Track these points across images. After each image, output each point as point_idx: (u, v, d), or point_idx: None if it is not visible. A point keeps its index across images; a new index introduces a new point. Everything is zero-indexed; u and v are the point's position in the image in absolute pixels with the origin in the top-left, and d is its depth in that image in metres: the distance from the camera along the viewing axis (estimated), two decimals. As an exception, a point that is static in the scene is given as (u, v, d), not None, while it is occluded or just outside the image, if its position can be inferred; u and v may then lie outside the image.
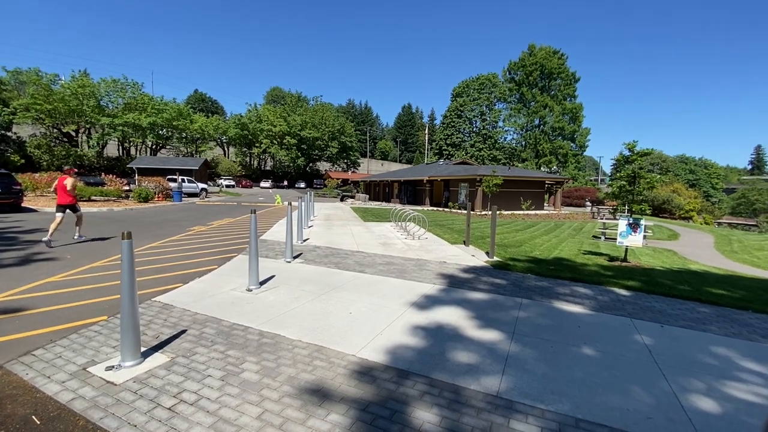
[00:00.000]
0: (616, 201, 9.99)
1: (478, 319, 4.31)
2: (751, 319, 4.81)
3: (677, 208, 32.12)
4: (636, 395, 2.79)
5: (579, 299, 5.26)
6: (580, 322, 4.34)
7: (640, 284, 6.26)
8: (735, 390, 2.96)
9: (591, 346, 3.66)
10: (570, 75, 59.34)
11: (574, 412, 2.55)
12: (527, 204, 29.06)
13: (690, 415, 2.57)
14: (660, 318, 4.59)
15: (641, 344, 3.75)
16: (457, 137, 65.71)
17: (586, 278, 6.50)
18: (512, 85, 62.42)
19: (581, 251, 10.80)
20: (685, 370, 3.25)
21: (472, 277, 6.44)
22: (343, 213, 20.25)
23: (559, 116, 58.43)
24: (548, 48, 59.31)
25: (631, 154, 8.33)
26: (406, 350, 3.46)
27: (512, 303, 4.97)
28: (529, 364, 3.25)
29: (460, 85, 67.50)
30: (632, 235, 8.34)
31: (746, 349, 3.80)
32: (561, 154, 58.64)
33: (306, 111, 71.16)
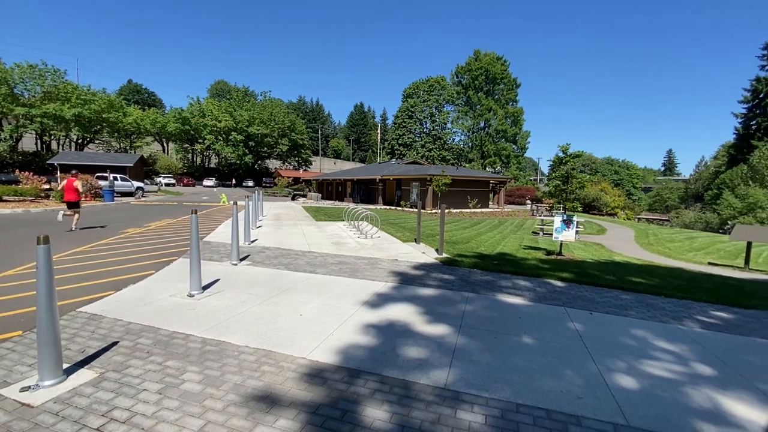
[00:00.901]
0: (552, 199, 10.80)
1: (427, 315, 4.43)
2: (664, 303, 5.45)
3: (605, 205, 35.50)
4: (568, 378, 3.04)
5: (520, 291, 5.61)
6: (520, 312, 4.63)
7: (573, 275, 6.82)
8: (650, 367, 3.33)
9: (530, 334, 3.93)
10: (512, 81, 62.92)
11: (515, 398, 2.72)
12: (474, 202, 30.38)
13: (613, 393, 2.85)
14: (589, 306, 5.04)
15: (573, 331, 4.10)
16: (409, 137, 66.94)
17: (526, 271, 6.96)
18: (460, 89, 64.83)
19: (522, 246, 11.53)
20: (610, 351, 3.61)
21: (423, 273, 6.61)
22: (294, 212, 19.78)
23: (503, 119, 61.77)
24: (492, 54, 62.38)
25: (565, 156, 9.07)
26: (357, 349, 3.46)
27: (459, 297, 5.18)
28: (475, 355, 3.41)
29: (411, 86, 68.80)
30: (566, 231, 9.09)
31: (659, 329, 4.29)
32: (504, 155, 62.03)
33: (254, 106, 68.27)
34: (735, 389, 3.02)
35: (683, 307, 5.24)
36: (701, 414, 2.64)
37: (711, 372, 3.31)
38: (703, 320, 4.74)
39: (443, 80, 67.33)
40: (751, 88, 47.11)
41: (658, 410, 2.65)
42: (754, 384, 3.13)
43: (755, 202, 29.24)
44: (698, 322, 4.64)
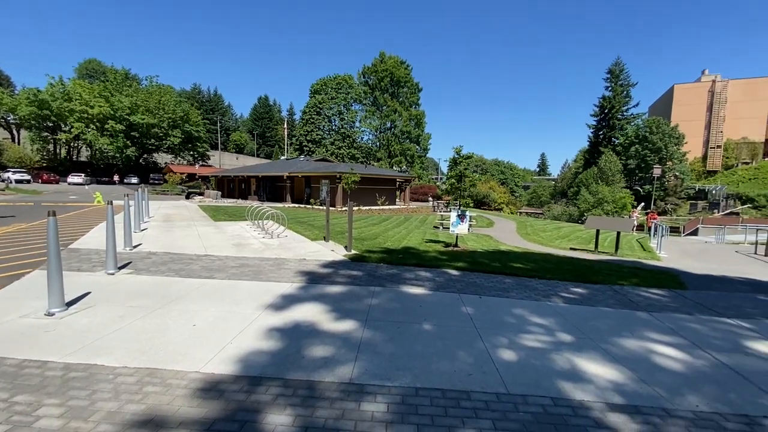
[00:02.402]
0: (449, 196, 11.76)
1: (334, 312, 4.43)
2: (537, 284, 6.37)
3: (493, 201, 40.12)
4: (461, 358, 3.35)
5: (421, 282, 5.99)
6: (421, 302, 4.95)
7: (466, 265, 7.54)
8: (526, 340, 3.87)
9: (429, 321, 4.22)
10: (414, 85, 66.49)
11: (414, 383, 2.90)
12: (382, 200, 31.39)
13: (497, 366, 3.24)
14: (479, 291, 5.63)
15: (466, 314, 4.53)
16: (317, 134, 65.88)
17: (428, 263, 7.46)
18: (367, 89, 66.10)
19: (425, 240, 12.33)
20: (495, 330, 4.08)
21: (331, 271, 6.59)
22: (189, 212, 17.86)
23: (407, 121, 64.94)
24: (396, 58, 65.01)
25: (458, 157, 9.98)
26: (259, 356, 3.29)
27: (366, 292, 5.30)
28: (379, 346, 3.53)
29: (319, 82, 67.73)
30: (461, 225, 10.01)
31: (533, 306, 5.01)
32: (409, 155, 65.36)
33: (138, 92, 59.24)
34: (586, 351, 3.69)
35: (551, 286, 6.21)
36: (563, 374, 3.17)
37: (570, 339, 3.99)
38: (565, 296, 5.68)
39: (350, 79, 67.81)
40: (599, 104, 57.89)
41: (531, 376, 3.10)
42: (599, 345, 3.87)
43: (602, 197, 36.14)
44: (562, 298, 5.55)
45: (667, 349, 3.88)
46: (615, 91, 55.83)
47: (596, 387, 2.99)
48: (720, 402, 2.90)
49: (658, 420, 2.60)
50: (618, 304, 5.44)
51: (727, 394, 3.03)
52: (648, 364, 3.50)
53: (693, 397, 2.95)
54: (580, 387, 2.97)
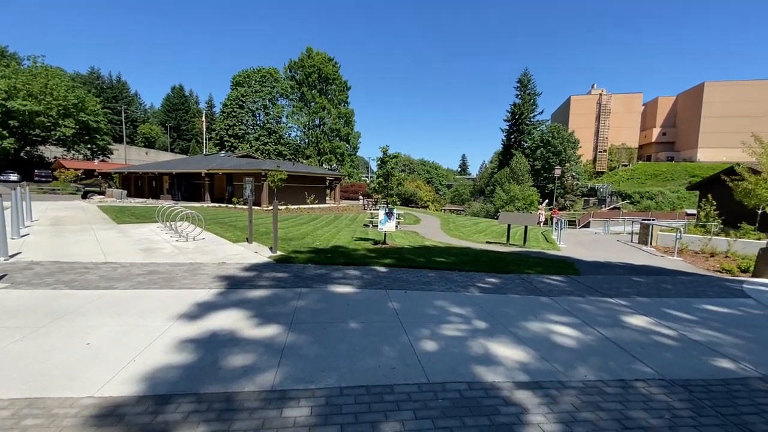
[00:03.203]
0: (378, 195, 11.97)
1: (257, 317, 4.23)
2: (457, 276, 6.80)
3: (420, 199, 41.83)
4: (385, 353, 3.44)
5: (350, 280, 6.00)
6: (349, 300, 4.96)
7: (394, 261, 7.74)
8: (446, 330, 4.10)
9: (356, 319, 4.25)
10: (343, 82, 66.20)
11: (339, 382, 2.90)
12: (311, 199, 30.73)
13: (419, 358, 3.39)
14: (405, 285, 5.83)
15: (392, 310, 4.66)
16: (241, 129, 62.02)
17: (356, 261, 7.50)
18: (293, 83, 64.02)
19: (354, 238, 12.38)
20: (419, 323, 4.26)
21: (254, 274, 6.27)
22: (86, 214, 15.56)
23: (336, 119, 64.41)
24: (324, 54, 64.02)
25: (385, 156, 10.20)
26: (169, 371, 3.00)
27: (292, 294, 5.15)
28: (304, 349, 3.46)
29: (241, 74, 63.78)
30: (389, 222, 10.26)
31: (453, 298, 5.34)
32: (339, 153, 64.95)
33: (17, 74, 49.53)
34: (498, 335, 4.04)
35: (469, 278, 6.67)
36: (477, 359, 3.43)
37: (484, 325, 4.33)
38: (481, 286, 6.15)
39: (276, 72, 65.07)
40: (511, 111, 63.62)
41: (450, 364, 3.30)
42: (508, 329, 4.26)
43: (514, 195, 39.84)
44: (478, 288, 5.99)
45: (563, 328, 4.42)
46: (524, 99, 61.84)
47: (505, 368, 3.29)
48: (603, 371, 3.39)
49: (555, 392, 2.96)
50: (525, 290, 6.05)
51: (608, 363, 3.56)
52: (548, 343, 3.95)
53: (583, 368, 3.41)
54: (492, 369, 3.24)
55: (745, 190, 14.17)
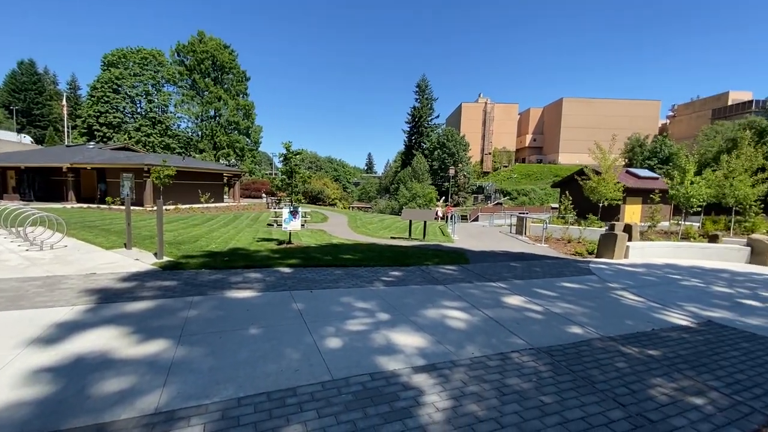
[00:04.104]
0: (282, 192, 11.50)
1: (138, 334, 3.72)
2: (363, 272, 6.96)
3: (327, 197, 41.56)
4: (288, 355, 3.36)
5: (250, 284, 5.67)
6: (249, 305, 4.69)
7: (299, 261, 7.56)
8: (351, 325, 4.18)
9: (257, 325, 4.05)
10: (241, 72, 61.64)
11: (237, 393, 2.73)
12: (206, 197, 28.02)
13: (324, 356, 3.39)
14: (311, 285, 5.75)
15: (296, 311, 4.55)
16: (116, 117, 53.06)
17: (258, 263, 7.12)
18: (183, 69, 57.20)
19: (256, 239, 11.71)
20: (324, 321, 4.25)
21: (134, 285, 5.48)
22: None
23: (234, 111, 59.70)
24: (219, 40, 58.67)
25: (288, 153, 9.86)
26: (16, 410, 2.45)
27: (182, 304, 4.66)
28: (196, 363, 3.17)
29: (116, 53, 54.54)
30: (293, 221, 9.96)
31: (359, 293, 5.46)
32: (238, 147, 60.41)
33: None
34: (399, 325, 4.27)
35: (374, 273, 6.90)
36: (380, 350, 3.58)
37: (387, 317, 4.53)
38: (385, 280, 6.41)
39: (161, 55, 57.36)
40: (411, 113, 67.29)
41: (354, 358, 3.38)
42: (409, 318, 4.54)
43: (415, 193, 42.35)
44: (383, 282, 6.24)
45: (456, 312, 4.88)
46: (423, 103, 65.98)
47: (405, 355, 3.50)
48: (487, 347, 3.85)
49: (448, 372, 3.26)
50: (424, 281, 6.51)
51: (490, 339, 4.05)
52: (443, 327, 4.33)
53: (471, 347, 3.82)
54: (393, 358, 3.42)
55: (590, 188, 17.50)
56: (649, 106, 73.35)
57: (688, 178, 15.28)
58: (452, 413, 2.62)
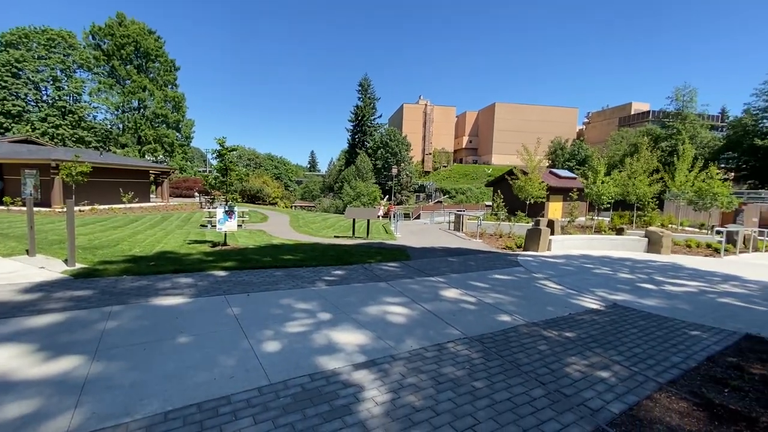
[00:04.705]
0: (216, 191, 10.85)
1: (43, 351, 3.29)
2: (305, 272, 6.84)
3: (267, 196, 39.95)
4: (222, 362, 3.20)
5: (180, 290, 5.29)
6: (178, 313, 4.38)
7: (236, 263, 7.21)
8: (291, 327, 4.09)
9: (187, 333, 3.80)
10: (170, 62, 56.77)
11: (164, 407, 2.55)
12: (129, 196, 25.43)
13: (261, 360, 3.28)
14: (248, 288, 5.52)
15: (231, 316, 4.35)
16: (16, 105, 45.79)
17: (189, 267, 6.66)
18: (99, 54, 51.13)
19: (187, 241, 10.92)
20: (262, 325, 4.11)
21: (39, 297, 4.82)
22: None
23: (161, 102, 54.80)
24: (142, 24, 53.38)
25: (222, 149, 9.32)
26: None
27: (99, 315, 4.20)
28: (115, 378, 2.89)
29: (15, 32, 47.01)
30: (229, 221, 9.45)
31: (300, 294, 5.36)
32: (167, 143, 55.61)
33: None
34: (341, 324, 4.28)
35: (317, 273, 6.81)
36: (320, 351, 3.56)
37: (329, 316, 4.51)
38: (328, 279, 6.37)
39: (72, 37, 50.63)
40: (354, 112, 67.22)
41: (293, 360, 3.32)
42: (351, 316, 4.56)
43: (360, 191, 42.45)
44: (325, 281, 6.19)
45: (397, 308, 5.01)
46: (365, 103, 66.25)
47: (346, 353, 3.53)
48: (425, 339, 4.01)
49: (387, 366, 3.34)
50: (367, 278, 6.58)
51: (428, 332, 4.23)
52: (384, 323, 4.42)
53: (410, 340, 3.96)
54: (334, 357, 3.43)
55: (519, 187, 18.93)
56: (569, 112, 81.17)
57: (599, 178, 17.22)
58: (391, 406, 2.70)
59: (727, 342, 4.42)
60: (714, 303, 6.23)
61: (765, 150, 33.96)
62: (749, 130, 36.35)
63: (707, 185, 17.23)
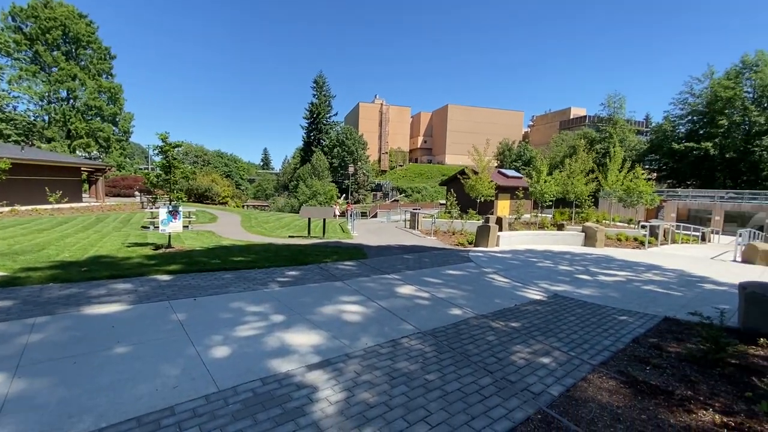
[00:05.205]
0: (159, 190, 10.13)
1: (-54, 372, 2.89)
2: (257, 274, 6.62)
3: (217, 195, 37.99)
4: (165, 372, 3.01)
5: (117, 297, 4.89)
6: (114, 321, 4.05)
7: (181, 266, 6.80)
8: (242, 331, 3.95)
9: (125, 343, 3.53)
10: (104, 49, 51.91)
11: (98, 423, 2.35)
12: (57, 196, 22.97)
13: (209, 368, 3.13)
14: (194, 293, 5.23)
15: (176, 322, 4.10)
16: None
17: (128, 272, 6.18)
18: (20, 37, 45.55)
19: (126, 244, 10.10)
20: (210, 330, 3.92)
21: (-59, 311, 4.22)
22: None
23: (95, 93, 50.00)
24: (71, 7, 48.30)
25: (165, 145, 8.72)
26: None
27: (20, 327, 3.77)
28: (41, 396, 2.62)
29: None
30: (173, 222, 8.88)
31: (251, 297, 5.18)
32: (102, 137, 50.90)
33: None
34: (295, 325, 4.20)
35: (269, 274, 6.62)
36: (273, 353, 3.47)
37: (282, 318, 4.41)
38: (281, 280, 6.21)
39: (-19, 14, 44.63)
40: (309, 109, 66.04)
41: (244, 365, 3.20)
42: (305, 317, 4.49)
43: (316, 190, 41.80)
44: (278, 283, 6.03)
45: (352, 306, 5.01)
46: (321, 100, 65.37)
47: (299, 355, 3.47)
48: (380, 336, 4.06)
49: (342, 365, 3.34)
50: (322, 278, 6.50)
51: (383, 328, 4.28)
52: (339, 322, 4.41)
53: (365, 338, 3.98)
54: (287, 359, 3.36)
55: (470, 186, 19.70)
56: (515, 116, 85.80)
57: (542, 178, 18.41)
58: (345, 404, 2.71)
59: (649, 325, 4.93)
60: (639, 290, 6.92)
61: (681, 153, 38.26)
62: (668, 135, 40.77)
63: (634, 184, 19.09)
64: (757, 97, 35.61)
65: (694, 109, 39.43)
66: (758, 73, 34.88)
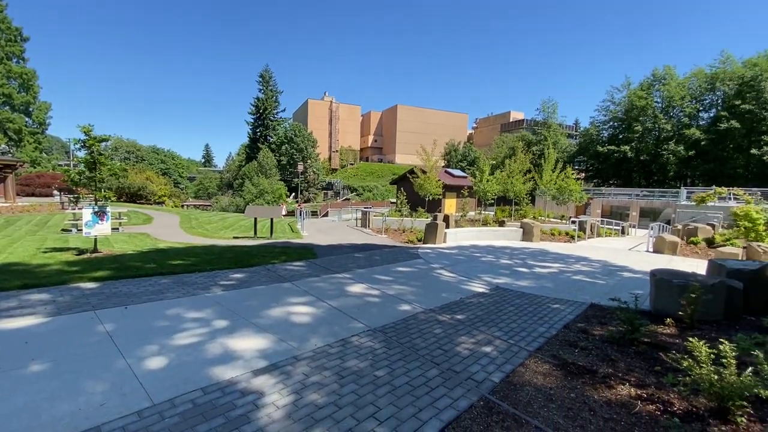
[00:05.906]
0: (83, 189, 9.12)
1: None
2: (197, 278, 6.24)
3: (152, 194, 35.06)
4: (90, 389, 2.74)
5: (32, 309, 4.35)
6: (28, 336, 3.60)
7: (110, 272, 6.21)
8: (180, 340, 3.70)
9: (42, 359, 3.15)
10: (14, 29, 45.47)
11: (5, 452, 2.08)
12: (-50, 196, 19.76)
13: (142, 381, 2.90)
14: (125, 300, 4.81)
15: (103, 334, 3.74)
16: None
17: (44, 281, 5.51)
18: None
19: (42, 250, 8.98)
20: (143, 340, 3.63)
21: None
22: None
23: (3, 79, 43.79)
24: (-34, -25, 41.75)
25: (88, 139, 7.86)
26: None
27: None
28: (-71, 429, 2.25)
29: None
30: (100, 224, 8.05)
31: (191, 303, 4.87)
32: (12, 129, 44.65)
33: None
34: (239, 330, 4.03)
35: (212, 277, 6.27)
36: (215, 361, 3.30)
37: (226, 323, 4.21)
38: (225, 284, 5.92)
39: None
40: (255, 104, 63.35)
41: (182, 375, 3.01)
42: (251, 321, 4.32)
43: (263, 189, 40.26)
44: (221, 287, 5.74)
45: (301, 308, 4.92)
46: (267, 95, 63.01)
47: (244, 360, 3.34)
48: (329, 336, 4.03)
49: (290, 368, 3.27)
50: (270, 280, 6.30)
51: (333, 328, 4.26)
52: (287, 324, 4.30)
53: (314, 339, 3.93)
54: (231, 366, 3.22)
55: (419, 185, 20.21)
56: (461, 117, 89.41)
57: (485, 178, 19.40)
58: (293, 407, 2.66)
59: (578, 311, 5.42)
60: (570, 280, 7.57)
61: (604, 155, 42.43)
62: (594, 138, 44.99)
63: (565, 184, 20.82)
64: (665, 106, 40.59)
65: (614, 116, 43.93)
66: (665, 86, 39.78)
